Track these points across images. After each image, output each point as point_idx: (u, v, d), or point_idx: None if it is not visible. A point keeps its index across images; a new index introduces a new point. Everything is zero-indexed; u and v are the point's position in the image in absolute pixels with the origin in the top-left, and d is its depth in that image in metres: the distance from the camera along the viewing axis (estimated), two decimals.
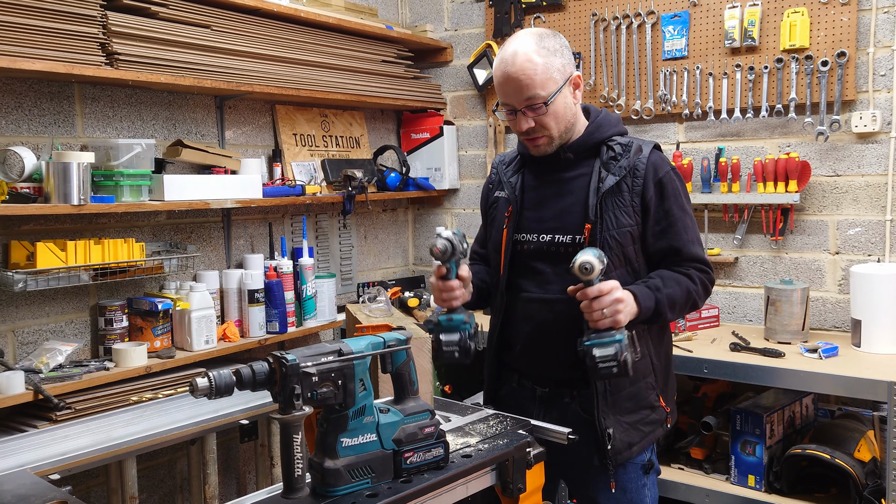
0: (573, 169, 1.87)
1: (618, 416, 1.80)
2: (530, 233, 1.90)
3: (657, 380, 1.88)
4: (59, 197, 2.18)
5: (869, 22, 2.64)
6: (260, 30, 2.80)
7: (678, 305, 1.80)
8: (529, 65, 1.76)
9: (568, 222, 1.85)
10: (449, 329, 1.76)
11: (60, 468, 1.93)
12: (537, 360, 1.90)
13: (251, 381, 1.25)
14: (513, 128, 1.85)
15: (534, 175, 1.94)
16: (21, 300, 2.34)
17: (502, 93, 1.81)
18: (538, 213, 1.90)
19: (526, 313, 1.89)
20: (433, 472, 1.42)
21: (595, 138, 1.86)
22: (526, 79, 1.75)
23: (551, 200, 1.90)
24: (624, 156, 1.82)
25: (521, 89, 1.76)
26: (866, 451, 2.37)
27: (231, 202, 2.67)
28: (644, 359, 1.85)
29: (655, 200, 1.81)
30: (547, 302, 1.85)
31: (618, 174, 1.80)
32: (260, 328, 2.79)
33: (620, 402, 1.82)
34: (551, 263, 1.86)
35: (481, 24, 3.55)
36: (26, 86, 2.34)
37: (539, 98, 1.77)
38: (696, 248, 1.85)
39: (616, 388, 1.81)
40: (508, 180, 1.97)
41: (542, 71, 1.76)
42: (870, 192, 2.68)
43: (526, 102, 1.77)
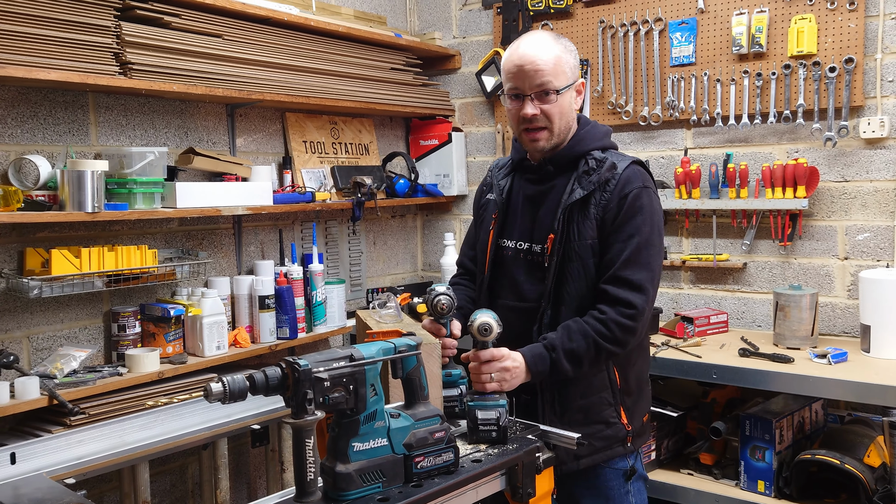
0: (552, 180, 1.90)
1: (565, 426, 1.77)
2: (511, 239, 1.94)
3: (616, 396, 1.85)
4: (73, 204, 2.21)
5: (876, 28, 2.64)
6: (270, 39, 2.83)
7: (584, 359, 1.75)
8: (547, 52, 1.79)
9: (538, 232, 1.88)
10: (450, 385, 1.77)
11: (75, 472, 1.96)
12: None
13: (264, 386, 1.27)
14: (513, 118, 1.87)
15: (521, 182, 1.97)
16: (36, 306, 2.37)
17: (513, 76, 1.82)
18: (519, 219, 1.94)
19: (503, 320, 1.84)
20: (443, 477, 1.44)
21: (575, 151, 1.87)
22: (542, 63, 1.77)
23: (529, 209, 1.93)
24: (597, 171, 1.82)
25: (535, 74, 1.77)
26: (876, 457, 2.37)
27: (242, 209, 2.69)
28: (601, 374, 1.84)
29: (614, 212, 1.79)
30: (515, 310, 1.88)
31: (586, 188, 1.80)
32: (270, 334, 2.81)
33: (570, 413, 1.83)
34: (525, 272, 1.90)
35: (489, 31, 3.57)
36: (41, 95, 2.37)
37: (551, 86, 1.78)
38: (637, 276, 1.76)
39: (564, 398, 1.83)
40: (498, 183, 2.00)
41: (557, 62, 1.79)
42: (878, 197, 2.69)
43: (537, 88, 1.78)
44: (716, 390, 2.78)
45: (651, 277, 1.80)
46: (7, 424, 2.22)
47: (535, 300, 1.85)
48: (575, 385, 1.82)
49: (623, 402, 1.87)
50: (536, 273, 1.87)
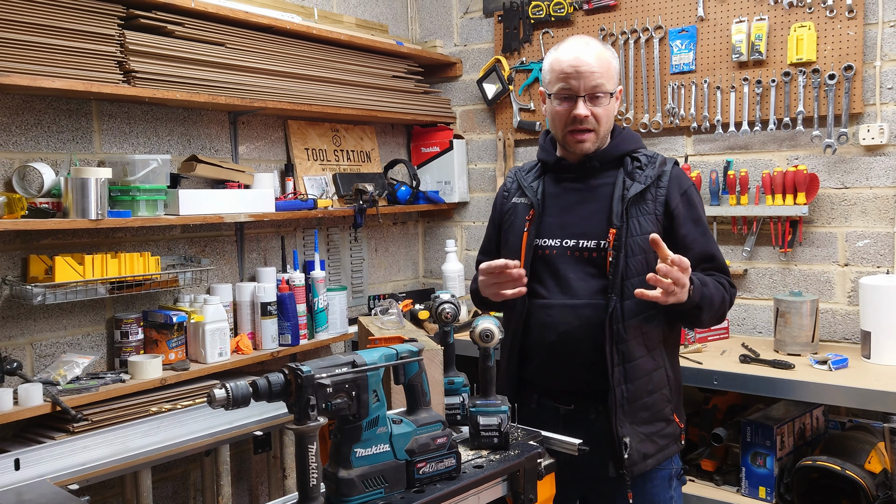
0: (597, 177, 1.91)
1: (634, 426, 1.82)
2: (552, 238, 1.91)
3: (672, 394, 1.90)
4: (77, 212, 2.22)
5: (875, 36, 2.66)
6: (273, 47, 2.85)
7: (713, 310, 1.82)
8: (603, 56, 1.85)
9: (591, 228, 1.87)
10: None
11: (79, 478, 1.96)
12: (560, 371, 1.88)
13: (267, 393, 1.27)
14: (560, 118, 1.87)
15: (554, 182, 1.96)
16: (39, 313, 2.38)
17: (567, 76, 1.83)
18: (560, 218, 1.92)
19: (546, 320, 1.88)
20: (445, 483, 1.44)
21: (620, 150, 1.91)
22: (599, 66, 1.82)
23: (575, 207, 1.91)
24: (649, 166, 1.88)
25: (591, 75, 1.81)
26: (877, 463, 2.37)
27: (244, 216, 2.70)
28: (660, 370, 1.87)
29: (683, 210, 1.87)
30: (573, 307, 1.85)
31: (643, 182, 1.85)
32: (272, 340, 2.82)
33: (637, 412, 1.83)
34: (575, 269, 1.87)
35: (490, 39, 3.59)
36: (46, 103, 2.39)
37: (604, 88, 1.83)
38: (723, 261, 1.91)
39: (633, 396, 1.82)
40: (529, 185, 1.98)
41: (609, 67, 1.85)
42: (878, 204, 2.70)
43: (592, 90, 1.82)
44: (717, 396, 2.78)
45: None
46: (10, 431, 2.23)
47: (589, 296, 1.84)
48: (641, 381, 1.83)
49: (674, 399, 1.91)
50: (588, 269, 1.86)
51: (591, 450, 1.71)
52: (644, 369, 1.84)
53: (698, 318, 1.83)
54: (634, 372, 1.83)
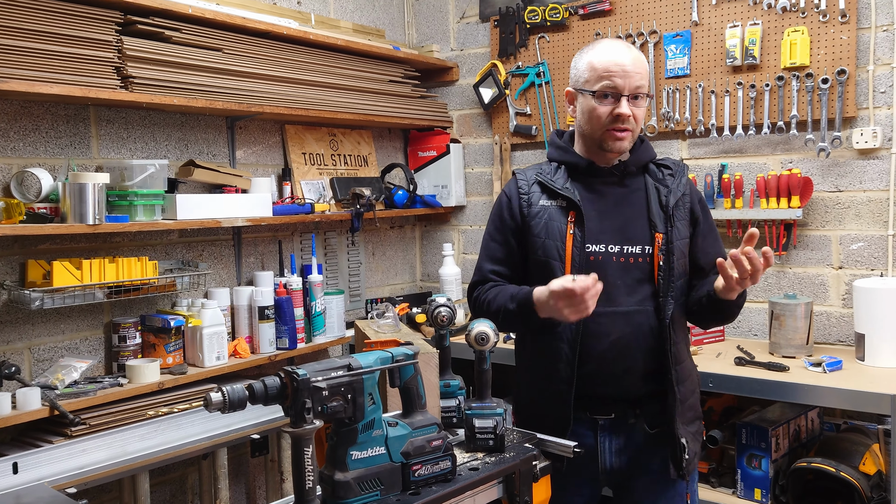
0: (629, 184, 1.93)
1: (685, 426, 1.86)
2: (596, 243, 1.86)
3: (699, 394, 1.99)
4: (74, 217, 2.23)
5: (868, 40, 2.68)
6: (270, 52, 2.86)
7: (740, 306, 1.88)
8: (642, 59, 1.90)
9: (634, 233, 1.87)
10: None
11: (77, 482, 1.98)
12: (610, 380, 1.85)
13: (263, 396, 1.28)
14: (599, 117, 1.85)
15: (586, 187, 1.91)
16: (37, 318, 2.39)
17: (613, 75, 1.83)
18: (600, 223, 1.87)
19: (595, 329, 1.82)
20: (441, 485, 1.45)
21: (647, 157, 1.97)
22: (641, 68, 1.87)
23: (613, 211, 1.89)
24: (678, 174, 1.95)
25: (636, 76, 1.84)
26: (871, 465, 2.38)
27: (242, 220, 2.72)
28: (695, 371, 1.98)
29: (702, 217, 1.96)
30: (624, 315, 1.83)
31: (680, 190, 1.92)
32: (270, 344, 2.83)
33: (686, 412, 1.88)
34: (622, 275, 1.85)
35: (486, 44, 3.61)
36: (44, 109, 2.40)
37: (645, 90, 1.87)
38: None
39: (684, 397, 1.87)
40: (564, 186, 1.89)
41: (647, 70, 1.90)
42: (872, 207, 2.71)
43: (635, 90, 1.85)
44: (712, 399, 2.79)
45: None
46: (8, 435, 2.24)
47: (638, 302, 1.84)
48: (688, 382, 1.90)
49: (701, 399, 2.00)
50: (634, 274, 1.85)
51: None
52: (687, 370, 1.93)
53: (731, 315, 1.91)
54: (683, 373, 1.89)
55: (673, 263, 1.85)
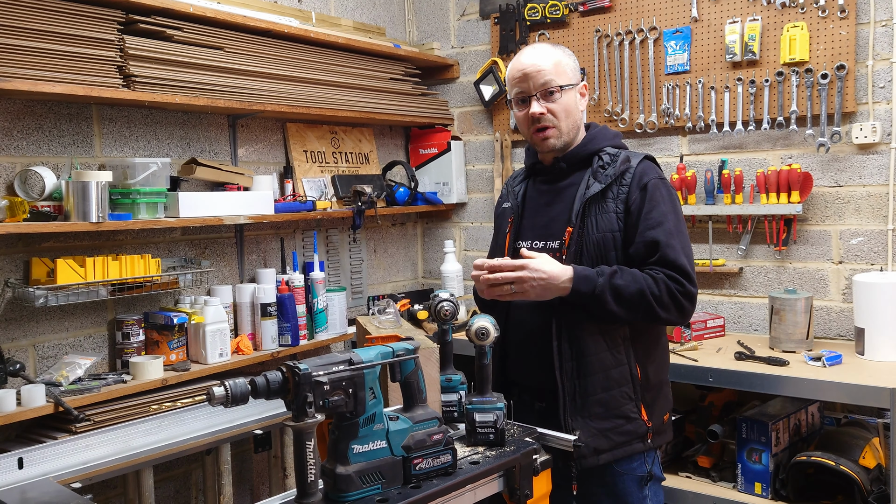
0: (566, 178, 1.97)
1: (586, 420, 1.84)
2: (526, 239, 1.99)
3: (637, 391, 1.87)
4: (78, 215, 2.25)
5: (867, 35, 2.68)
6: (271, 50, 2.88)
7: (627, 302, 1.76)
8: (547, 55, 1.92)
9: (555, 228, 1.93)
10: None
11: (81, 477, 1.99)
12: (527, 367, 1.96)
13: (265, 390, 1.30)
14: (523, 122, 1.95)
15: (535, 185, 2.05)
16: (41, 315, 2.41)
17: (518, 80, 1.92)
18: (533, 220, 2.00)
19: (518, 319, 1.95)
20: (442, 479, 1.46)
21: (588, 149, 1.95)
22: (543, 64, 1.89)
23: (544, 209, 1.99)
24: (612, 165, 1.89)
25: (538, 74, 1.88)
26: (871, 458, 2.39)
27: (244, 218, 2.73)
28: (621, 366, 1.86)
29: (638, 203, 1.84)
30: (534, 305, 1.90)
31: (603, 182, 1.87)
32: (272, 341, 2.84)
33: (590, 407, 1.85)
34: None
35: (487, 41, 3.61)
36: (46, 108, 2.42)
37: (553, 84, 1.88)
38: (678, 254, 1.81)
39: (586, 391, 1.85)
40: (513, 189, 2.08)
41: (557, 63, 1.91)
42: (871, 202, 2.72)
43: (541, 87, 1.89)
44: (713, 394, 2.80)
45: (690, 262, 1.83)
46: (14, 431, 2.26)
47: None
48: (595, 377, 1.84)
49: (643, 397, 1.88)
50: None
51: None
52: (600, 365, 1.84)
53: (609, 312, 1.77)
54: (588, 367, 1.85)
55: (582, 258, 1.85)
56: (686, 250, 1.85)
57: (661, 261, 1.80)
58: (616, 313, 1.78)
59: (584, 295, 1.77)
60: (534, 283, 1.77)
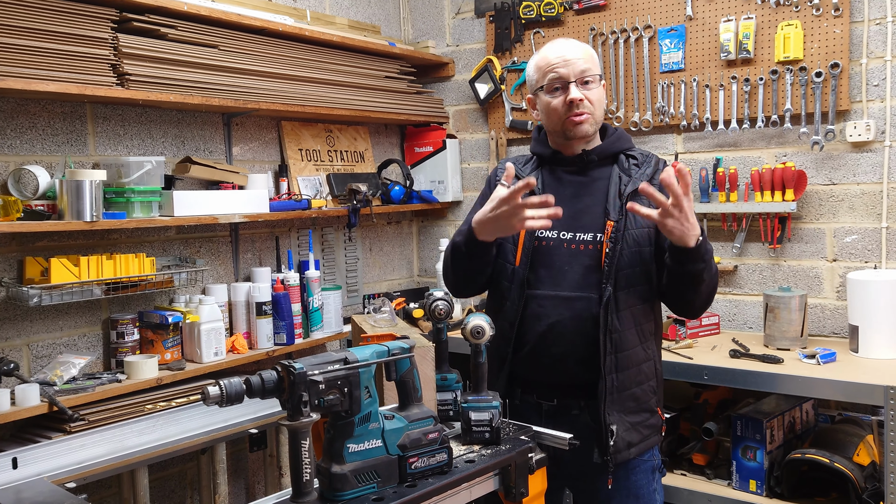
0: (593, 172, 1.96)
1: (621, 415, 1.85)
2: (549, 230, 1.91)
3: (657, 385, 1.95)
4: (72, 214, 2.24)
5: (861, 33, 2.69)
6: (266, 49, 2.87)
7: (712, 272, 1.81)
8: (580, 46, 1.96)
9: (588, 221, 1.90)
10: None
11: (76, 477, 1.99)
12: (548, 363, 1.89)
13: (260, 389, 1.30)
14: (555, 109, 1.91)
15: (551, 175, 2.00)
16: (35, 314, 2.40)
17: (556, 66, 1.91)
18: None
19: (538, 311, 1.89)
20: (437, 477, 1.46)
21: (616, 147, 1.97)
22: (584, 54, 1.92)
23: (572, 199, 1.93)
24: (645, 164, 1.94)
25: (578, 61, 1.90)
26: (865, 455, 2.40)
27: (239, 217, 2.73)
28: (650, 361, 1.92)
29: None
30: (564, 299, 1.87)
31: (641, 178, 1.89)
32: (268, 340, 2.84)
33: (624, 401, 1.87)
34: (570, 261, 1.89)
35: (482, 39, 3.61)
36: (40, 106, 2.41)
37: (593, 72, 1.91)
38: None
39: (623, 385, 1.86)
40: (528, 174, 2.00)
41: (591, 55, 1.95)
42: (865, 200, 2.73)
43: (581, 75, 1.90)
44: (708, 391, 2.81)
45: None
46: (8, 431, 2.25)
47: (586, 288, 1.86)
48: (631, 370, 1.87)
49: (658, 391, 1.96)
50: (584, 261, 1.88)
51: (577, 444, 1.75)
52: (635, 359, 1.88)
53: (700, 279, 1.78)
54: (626, 361, 1.86)
55: (622, 251, 1.85)
56: None
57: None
58: (704, 282, 1.79)
59: (702, 250, 1.74)
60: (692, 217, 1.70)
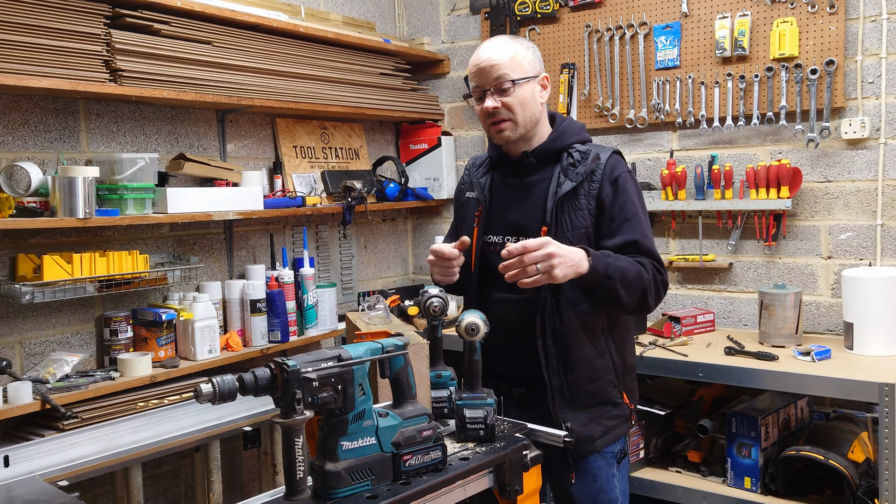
0: (535, 173, 1.96)
1: (577, 411, 1.88)
2: (496, 234, 1.98)
3: (619, 378, 1.94)
4: (64, 211, 2.23)
5: (856, 31, 2.69)
6: (260, 45, 2.86)
7: (630, 285, 1.79)
8: (502, 48, 1.91)
9: (528, 225, 1.93)
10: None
11: (68, 475, 1.98)
12: (507, 361, 1.95)
13: (254, 387, 1.29)
14: (479, 115, 1.94)
15: (501, 178, 2.03)
16: (28, 312, 2.38)
17: (473, 75, 1.92)
18: (503, 215, 1.99)
19: (495, 314, 1.90)
20: (431, 475, 1.46)
21: (557, 145, 1.94)
22: (498, 58, 1.88)
23: (514, 203, 1.98)
24: (582, 162, 1.91)
25: (491, 69, 1.88)
26: (860, 452, 2.40)
27: (233, 214, 2.71)
28: (603, 357, 1.91)
29: (611, 197, 1.88)
30: (511, 302, 1.92)
31: (575, 180, 1.88)
32: (262, 337, 2.83)
33: (579, 398, 1.89)
34: None
35: (477, 36, 3.60)
36: (32, 103, 2.39)
37: (507, 78, 1.87)
38: (652, 245, 1.90)
39: (574, 385, 1.88)
40: (478, 181, 2.06)
41: (512, 56, 1.89)
42: (860, 197, 2.73)
43: (495, 82, 1.88)
44: (702, 388, 2.81)
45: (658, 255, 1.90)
46: (0, 429, 2.24)
47: (532, 291, 1.85)
48: (581, 371, 1.88)
49: (623, 382, 1.95)
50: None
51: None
52: (585, 358, 1.89)
53: (616, 294, 1.77)
54: (574, 362, 1.88)
55: None
56: (653, 240, 1.93)
57: (642, 252, 1.86)
58: (620, 295, 1.78)
59: (598, 274, 1.74)
60: (562, 259, 1.68)
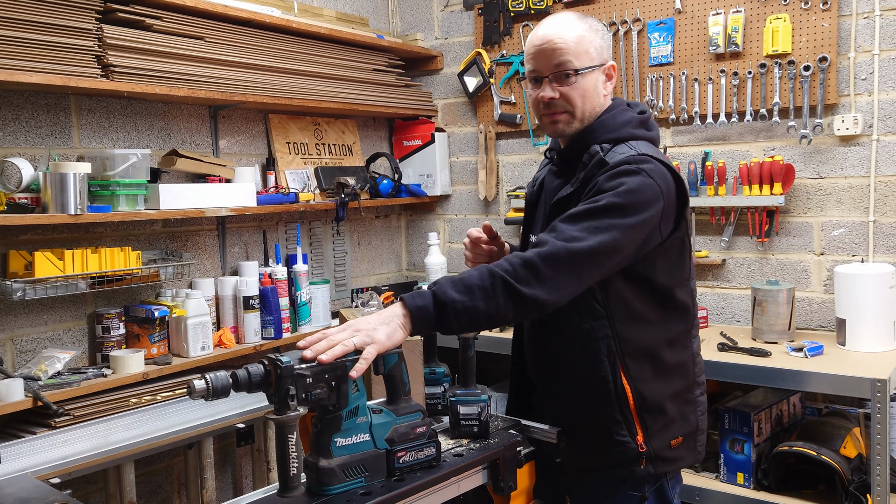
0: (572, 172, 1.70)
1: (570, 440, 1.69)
2: (536, 233, 1.79)
3: (627, 413, 1.62)
4: (56, 207, 2.21)
5: (849, 27, 2.69)
6: (253, 41, 2.84)
7: (475, 287, 1.45)
8: (567, 29, 1.65)
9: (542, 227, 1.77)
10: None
11: (61, 472, 1.97)
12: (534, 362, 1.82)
13: (247, 383, 1.28)
14: (531, 103, 1.72)
15: (550, 174, 1.84)
16: (19, 309, 2.37)
17: (531, 57, 1.68)
18: (542, 213, 1.82)
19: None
20: (425, 471, 1.45)
21: (586, 143, 1.67)
22: (562, 42, 1.63)
23: (543, 203, 1.87)
24: (581, 166, 1.65)
25: (553, 53, 1.64)
26: (852, 448, 2.42)
27: (225, 210, 2.70)
28: (604, 384, 1.62)
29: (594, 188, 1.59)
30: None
31: (573, 185, 1.65)
32: (255, 334, 2.82)
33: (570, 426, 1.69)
34: None
35: (471, 32, 3.60)
36: (23, 98, 2.38)
37: (570, 66, 1.63)
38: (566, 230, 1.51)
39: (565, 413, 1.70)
40: (534, 177, 1.89)
41: (579, 40, 1.64)
42: (853, 193, 2.74)
43: (555, 69, 1.64)
44: None
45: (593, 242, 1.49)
46: None
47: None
48: (571, 397, 1.69)
49: (642, 419, 1.62)
50: None
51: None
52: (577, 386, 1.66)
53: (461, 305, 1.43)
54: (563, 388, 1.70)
55: None
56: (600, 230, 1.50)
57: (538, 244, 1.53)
58: (469, 305, 1.43)
59: (425, 307, 1.44)
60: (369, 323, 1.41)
